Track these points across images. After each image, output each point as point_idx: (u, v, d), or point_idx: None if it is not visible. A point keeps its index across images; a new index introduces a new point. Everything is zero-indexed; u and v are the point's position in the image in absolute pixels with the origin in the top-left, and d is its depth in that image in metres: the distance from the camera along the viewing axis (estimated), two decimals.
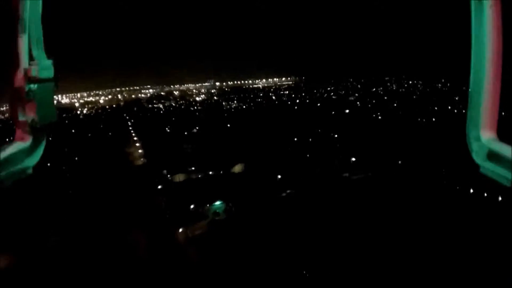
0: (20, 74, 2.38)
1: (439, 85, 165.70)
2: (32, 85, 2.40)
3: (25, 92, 2.40)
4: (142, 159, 77.45)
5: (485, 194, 40.24)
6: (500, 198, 38.97)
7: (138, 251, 36.23)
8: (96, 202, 47.69)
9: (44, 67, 2.45)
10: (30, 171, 2.51)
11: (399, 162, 52.20)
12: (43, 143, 2.53)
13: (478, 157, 2.17)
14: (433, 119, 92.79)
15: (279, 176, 48.05)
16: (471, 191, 41.02)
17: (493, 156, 2.09)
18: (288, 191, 44.73)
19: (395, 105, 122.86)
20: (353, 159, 52.92)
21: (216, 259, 34.72)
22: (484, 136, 2.19)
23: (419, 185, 43.50)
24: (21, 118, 2.43)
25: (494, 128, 2.20)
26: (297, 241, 35.74)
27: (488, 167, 2.13)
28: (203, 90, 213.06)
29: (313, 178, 47.04)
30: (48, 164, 73.41)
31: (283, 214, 40.62)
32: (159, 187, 50.72)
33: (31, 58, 2.41)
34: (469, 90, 2.26)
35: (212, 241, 38.36)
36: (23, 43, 2.38)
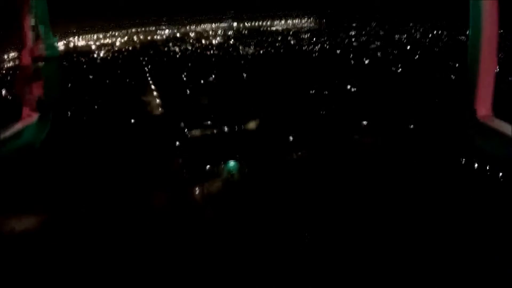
0: (26, 53, 2.45)
1: (463, 37, 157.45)
2: (38, 64, 2.46)
3: (32, 70, 2.49)
4: (160, 108, 79.27)
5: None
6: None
7: (157, 207, 39.22)
8: (116, 157, 50.30)
9: (50, 46, 2.51)
10: (37, 146, 2.58)
11: (411, 126, 52.49)
12: (50, 119, 2.60)
13: (473, 132, 2.25)
14: (452, 77, 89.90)
15: (291, 138, 49.29)
16: (475, 165, 41.68)
17: (487, 131, 2.17)
18: (299, 153, 46.27)
19: (416, 57, 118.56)
20: (365, 122, 53.39)
21: (229, 218, 37.53)
22: (479, 112, 2.26)
23: (424, 154, 44.24)
24: (28, 96, 2.53)
25: (489, 105, 2.28)
26: (305, 204, 37.96)
27: (483, 142, 2.22)
28: (219, 32, 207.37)
29: (325, 140, 48.20)
30: (69, 114, 76.18)
31: (293, 175, 42.59)
32: (177, 144, 52.79)
33: (37, 37, 2.47)
34: (467, 67, 2.33)
35: (225, 199, 41.07)
36: (29, 23, 2.43)
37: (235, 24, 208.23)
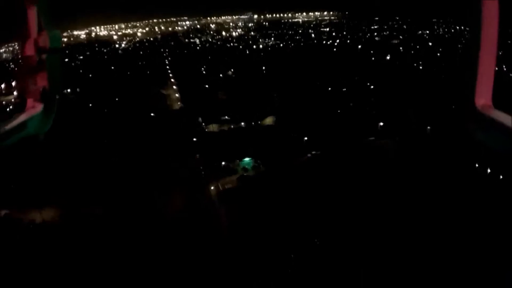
0: (30, 45, 2.45)
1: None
2: (42, 55, 2.48)
3: (36, 62, 2.48)
4: (179, 103, 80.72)
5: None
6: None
7: (173, 204, 40.49)
8: (136, 151, 51.88)
9: (53, 37, 2.52)
10: (42, 137, 2.60)
11: (428, 128, 52.01)
12: (54, 111, 2.60)
13: (473, 123, 2.20)
14: None
15: (306, 138, 49.70)
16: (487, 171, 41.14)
17: (487, 121, 2.11)
18: (313, 152, 46.70)
19: (438, 54, 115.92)
20: (381, 123, 53.19)
21: (243, 213, 38.50)
22: (479, 102, 2.20)
23: (438, 158, 43.96)
24: (32, 87, 2.52)
25: (489, 95, 2.21)
26: (315, 205, 38.45)
27: (482, 133, 2.16)
28: (240, 24, 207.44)
29: (339, 141, 48.41)
30: (90, 105, 78.43)
31: (306, 176, 43.08)
32: (194, 139, 53.95)
33: (40, 28, 2.48)
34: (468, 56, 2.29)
35: (240, 195, 42.03)
36: (33, 14, 2.44)
37: (255, 16, 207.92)
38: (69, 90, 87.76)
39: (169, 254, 32.60)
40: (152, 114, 70.21)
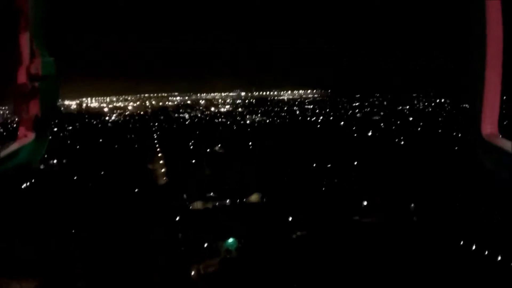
0: (22, 72, 2.35)
1: (467, 105, 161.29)
2: (34, 83, 2.37)
3: (28, 89, 2.37)
4: (164, 178, 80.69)
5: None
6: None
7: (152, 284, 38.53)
8: (115, 226, 50.49)
9: (46, 64, 2.45)
10: (34, 166, 2.54)
11: (412, 205, 52.59)
12: (47, 140, 2.54)
13: (480, 152, 2.17)
14: (456, 148, 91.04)
15: (290, 218, 49.57)
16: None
17: (493, 149, 2.08)
18: (298, 233, 46.15)
19: (419, 129, 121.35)
20: (365, 202, 53.74)
21: None
22: (484, 130, 2.17)
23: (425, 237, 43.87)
24: (24, 115, 2.42)
25: (495, 123, 2.18)
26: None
27: (489, 162, 2.12)
28: (228, 100, 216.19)
29: (325, 220, 48.26)
30: (75, 178, 77.85)
31: (292, 256, 42.04)
32: (177, 218, 53.10)
33: (33, 55, 2.38)
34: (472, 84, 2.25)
35: (222, 280, 40.32)
36: (26, 40, 2.36)
37: (243, 93, 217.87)
38: (55, 161, 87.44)
39: None
40: (136, 190, 69.67)
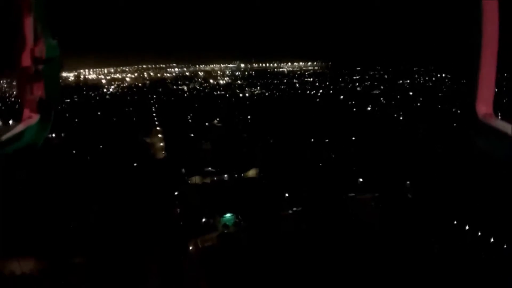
0: (27, 54, 2.44)
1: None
2: (38, 65, 2.46)
3: (32, 72, 2.46)
4: (163, 152, 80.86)
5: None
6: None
7: (151, 261, 39.44)
8: (113, 201, 51.10)
9: (50, 47, 2.51)
10: (38, 146, 2.64)
11: (407, 182, 53.07)
12: (51, 121, 2.63)
13: (474, 132, 2.22)
14: (454, 125, 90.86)
15: (287, 195, 50.10)
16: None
17: (488, 130, 2.12)
18: (294, 209, 46.82)
19: (418, 104, 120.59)
20: (361, 179, 54.17)
21: (222, 272, 37.66)
22: (480, 110, 2.22)
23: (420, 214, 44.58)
24: (28, 97, 2.51)
25: (490, 104, 2.22)
26: (297, 261, 38.00)
27: (484, 141, 2.17)
28: (227, 72, 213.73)
29: (321, 196, 48.84)
30: (74, 152, 78.02)
31: (288, 232, 42.86)
32: (176, 193, 53.64)
33: (36, 38, 2.46)
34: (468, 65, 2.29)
35: (220, 254, 41.27)
36: (29, 23, 2.42)
37: (242, 65, 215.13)
38: (53, 135, 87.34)
39: None
40: (135, 164, 69.95)
